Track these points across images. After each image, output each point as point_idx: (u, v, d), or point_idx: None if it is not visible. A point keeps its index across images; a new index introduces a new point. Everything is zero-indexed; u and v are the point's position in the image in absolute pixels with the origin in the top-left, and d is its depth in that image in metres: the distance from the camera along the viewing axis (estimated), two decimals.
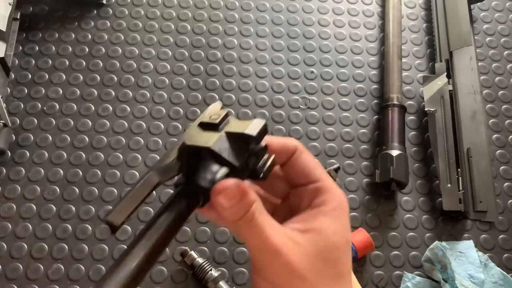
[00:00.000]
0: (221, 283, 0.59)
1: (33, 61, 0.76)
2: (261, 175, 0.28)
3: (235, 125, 0.28)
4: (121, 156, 0.69)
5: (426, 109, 0.71)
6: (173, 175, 0.27)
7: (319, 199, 0.28)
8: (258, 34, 0.80)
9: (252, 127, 0.26)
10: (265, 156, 0.28)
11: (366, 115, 0.74)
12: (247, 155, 0.27)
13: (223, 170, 0.26)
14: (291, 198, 0.30)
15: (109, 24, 0.80)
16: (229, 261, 0.63)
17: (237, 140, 0.27)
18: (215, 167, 0.27)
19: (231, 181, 0.25)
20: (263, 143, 0.27)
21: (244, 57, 0.77)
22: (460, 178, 0.66)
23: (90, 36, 0.78)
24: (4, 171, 0.67)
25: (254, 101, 0.74)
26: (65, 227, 0.64)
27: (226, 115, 0.28)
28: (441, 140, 0.68)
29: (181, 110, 0.73)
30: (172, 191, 0.28)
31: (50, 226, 0.64)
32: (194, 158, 0.27)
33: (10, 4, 0.71)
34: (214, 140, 0.26)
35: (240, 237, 0.26)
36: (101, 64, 0.76)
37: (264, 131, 0.27)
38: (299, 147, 0.29)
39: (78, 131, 0.71)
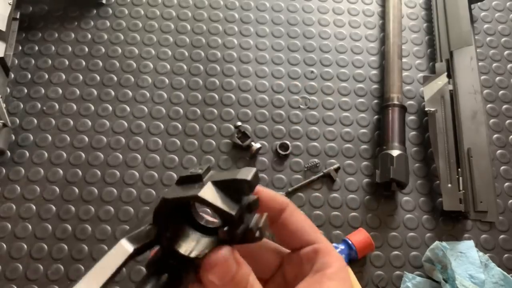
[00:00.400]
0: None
1: (33, 61, 0.76)
2: (257, 233, 0.23)
3: (221, 175, 0.24)
4: (120, 156, 0.69)
5: (426, 109, 0.70)
6: (148, 242, 0.23)
7: (321, 262, 0.25)
8: (258, 34, 0.80)
9: (244, 173, 0.23)
10: (256, 215, 0.24)
11: (366, 115, 0.74)
12: (239, 207, 0.23)
13: (207, 240, 0.23)
14: (284, 267, 0.27)
15: (108, 23, 0.80)
16: None
17: (227, 188, 0.23)
18: (196, 234, 0.23)
19: (225, 251, 0.21)
20: (253, 195, 0.24)
21: (244, 57, 0.77)
22: (460, 178, 0.66)
23: (89, 36, 0.78)
24: (4, 171, 0.67)
25: (254, 101, 0.74)
26: (64, 227, 0.64)
27: (209, 168, 0.25)
28: (441, 140, 0.68)
29: (181, 110, 0.73)
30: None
31: (49, 226, 0.64)
32: (174, 221, 0.23)
33: (10, 4, 0.71)
34: (200, 189, 0.22)
35: None
36: (101, 64, 0.76)
37: (256, 178, 0.23)
38: (289, 204, 0.26)
39: (77, 131, 0.70)
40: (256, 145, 0.69)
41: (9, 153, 0.68)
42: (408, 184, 0.66)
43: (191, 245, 0.23)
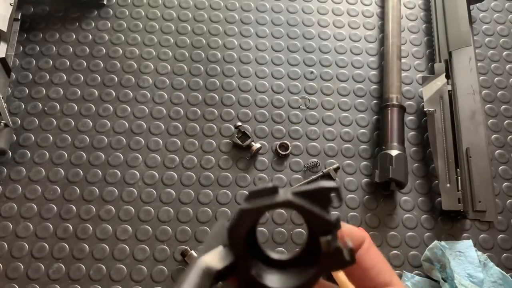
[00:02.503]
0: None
1: (34, 62, 0.76)
2: (347, 256, 0.20)
3: (299, 188, 0.21)
4: (121, 156, 0.69)
5: (425, 109, 0.71)
6: (228, 266, 0.20)
7: None
8: (258, 35, 0.80)
9: (327, 182, 0.21)
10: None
11: (365, 115, 0.74)
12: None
13: (291, 273, 0.21)
14: None
15: (109, 24, 0.80)
16: None
17: (311, 200, 0.20)
18: (273, 269, 0.21)
19: None
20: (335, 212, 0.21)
21: (244, 58, 0.78)
22: (459, 178, 0.66)
23: (90, 37, 0.79)
24: (5, 171, 0.67)
25: (254, 101, 0.74)
26: (66, 226, 0.64)
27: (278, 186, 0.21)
28: (440, 140, 0.68)
29: (182, 110, 0.73)
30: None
31: (51, 225, 0.64)
32: (248, 251, 0.21)
33: (11, 5, 0.71)
34: (286, 196, 0.20)
35: None
36: (102, 64, 0.76)
37: (338, 189, 0.21)
38: (366, 239, 0.24)
39: (78, 131, 0.71)
40: (256, 145, 0.69)
41: (10, 153, 0.69)
42: (407, 184, 0.67)
43: (277, 280, 0.21)
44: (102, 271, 0.62)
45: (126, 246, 0.63)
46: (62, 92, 0.74)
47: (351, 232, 0.23)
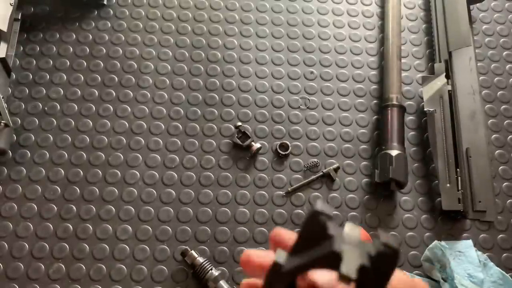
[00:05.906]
0: (221, 282, 0.59)
1: (34, 62, 0.76)
2: None
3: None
4: (121, 156, 0.69)
5: (425, 109, 0.71)
6: None
7: None
8: (258, 35, 0.80)
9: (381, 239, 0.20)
10: None
11: (365, 115, 0.74)
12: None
13: None
14: None
15: (109, 24, 0.80)
16: (229, 260, 0.63)
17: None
18: None
19: None
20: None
21: (244, 58, 0.78)
22: (459, 178, 0.66)
23: (91, 37, 0.79)
24: (5, 171, 0.67)
25: (254, 101, 0.74)
26: (66, 226, 0.64)
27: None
28: (440, 140, 0.69)
29: (182, 110, 0.73)
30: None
31: (51, 225, 0.64)
32: None
33: (11, 5, 0.71)
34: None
35: None
36: (102, 64, 0.76)
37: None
38: None
39: (79, 131, 0.71)
40: (256, 145, 0.69)
41: (10, 153, 0.69)
42: (407, 184, 0.67)
43: None
44: (102, 271, 0.62)
45: (126, 246, 0.63)
46: (62, 92, 0.74)
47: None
